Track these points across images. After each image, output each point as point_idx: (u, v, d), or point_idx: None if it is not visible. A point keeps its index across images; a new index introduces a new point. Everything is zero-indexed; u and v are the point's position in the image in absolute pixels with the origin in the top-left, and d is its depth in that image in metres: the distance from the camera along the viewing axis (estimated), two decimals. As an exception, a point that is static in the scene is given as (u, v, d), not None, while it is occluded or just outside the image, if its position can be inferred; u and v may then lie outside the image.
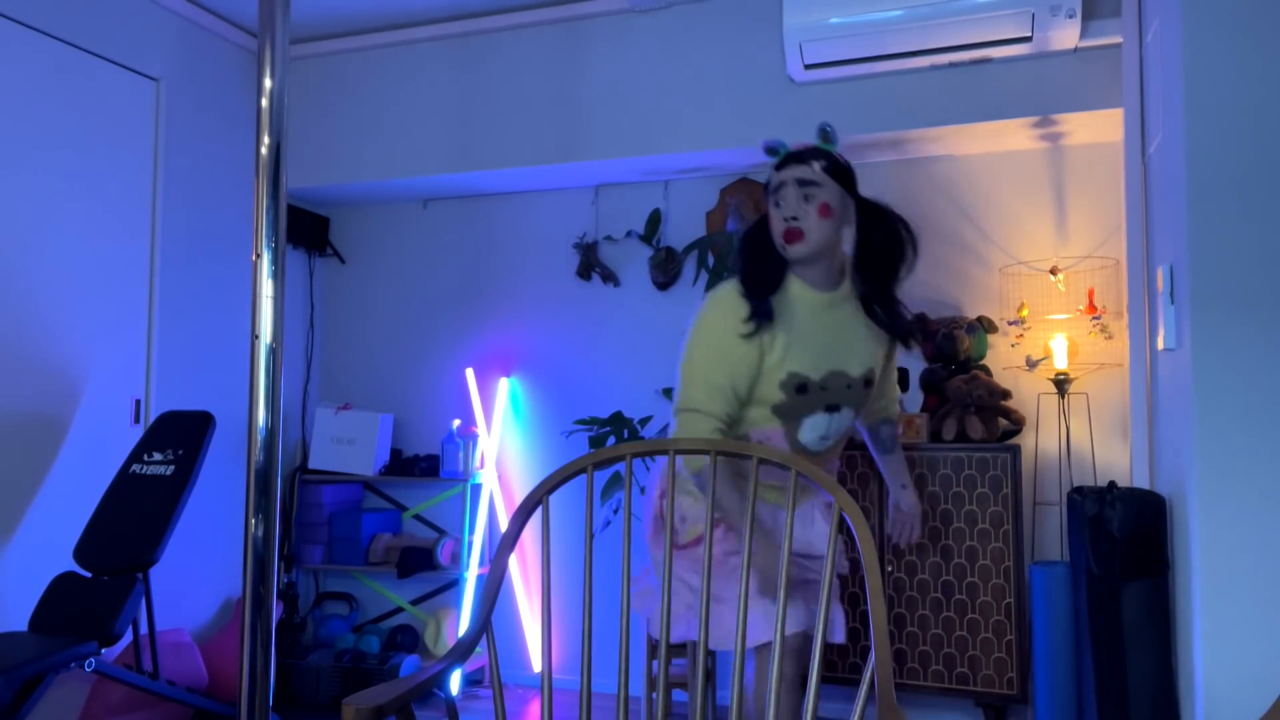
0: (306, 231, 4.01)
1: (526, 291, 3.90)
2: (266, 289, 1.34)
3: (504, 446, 3.89)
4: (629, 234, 3.76)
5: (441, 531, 3.93)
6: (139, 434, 3.28)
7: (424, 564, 3.66)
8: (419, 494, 3.99)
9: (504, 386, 3.84)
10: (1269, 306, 1.95)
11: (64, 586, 2.65)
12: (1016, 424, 3.00)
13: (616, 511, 3.63)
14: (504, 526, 3.74)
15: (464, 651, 1.41)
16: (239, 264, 3.72)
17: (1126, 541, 2.16)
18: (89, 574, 2.71)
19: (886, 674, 1.30)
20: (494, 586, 1.49)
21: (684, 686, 2.96)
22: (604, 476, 3.67)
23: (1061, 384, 3.04)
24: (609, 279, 3.74)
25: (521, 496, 3.88)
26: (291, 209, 3.98)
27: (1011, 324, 3.23)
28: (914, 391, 3.28)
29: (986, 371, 3.12)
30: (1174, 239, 2.16)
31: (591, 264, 3.74)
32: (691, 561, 2.18)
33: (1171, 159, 2.18)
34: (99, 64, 3.15)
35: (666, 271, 3.61)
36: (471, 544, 3.69)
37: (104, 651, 2.57)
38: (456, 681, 3.59)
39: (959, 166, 3.37)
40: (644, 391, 3.70)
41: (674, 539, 2.20)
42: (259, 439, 1.32)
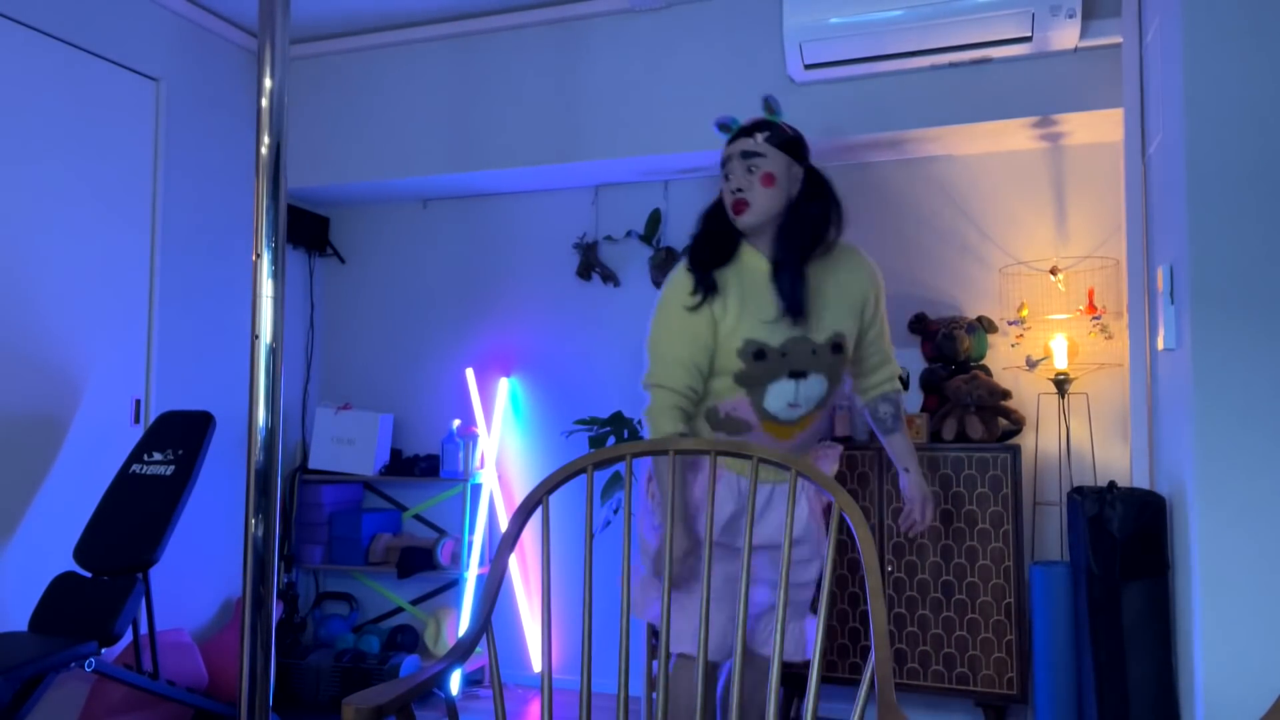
0: (306, 231, 4.01)
1: (526, 291, 3.90)
2: (266, 289, 1.34)
3: (504, 446, 3.89)
4: (629, 234, 3.76)
5: (441, 531, 3.93)
6: (139, 434, 3.28)
7: (424, 564, 3.66)
8: (419, 494, 3.99)
9: (504, 386, 3.84)
10: (1269, 306, 1.95)
11: (64, 586, 2.65)
12: (1016, 424, 3.00)
13: (616, 511, 3.63)
14: (504, 526, 3.74)
15: (464, 651, 1.41)
16: (239, 264, 3.72)
17: (1126, 541, 2.16)
18: (89, 574, 2.71)
19: (886, 674, 1.30)
20: (494, 586, 1.49)
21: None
22: (604, 476, 3.67)
23: (1061, 384, 3.04)
24: (609, 279, 3.74)
25: (521, 496, 3.88)
26: (291, 209, 3.98)
27: (1011, 324, 3.23)
28: (914, 391, 3.27)
29: (986, 371, 3.12)
30: (1174, 239, 2.16)
31: (591, 264, 3.74)
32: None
33: (1171, 159, 2.18)
34: (99, 64, 3.15)
35: (666, 271, 3.61)
36: (471, 544, 3.69)
37: (104, 651, 2.57)
38: (456, 681, 3.59)
39: (959, 166, 3.37)
40: (644, 391, 3.70)
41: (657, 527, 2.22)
42: (259, 439, 1.32)
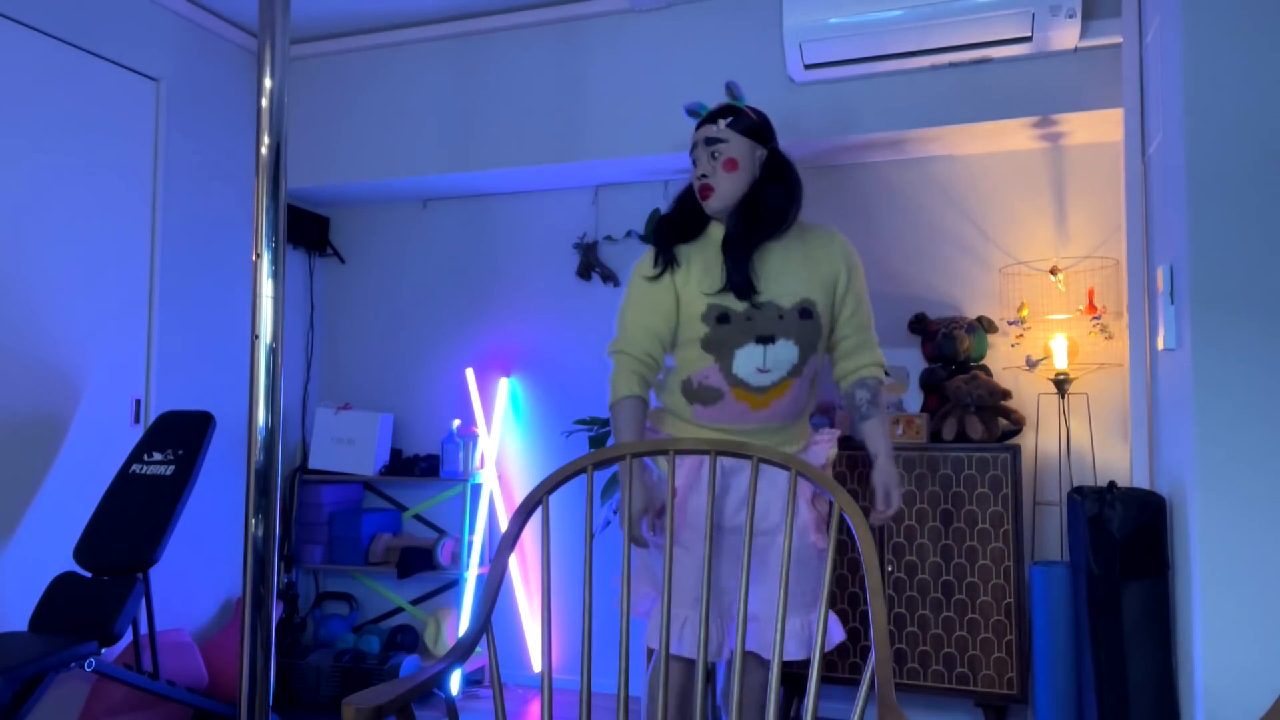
0: (306, 231, 4.01)
1: (526, 291, 3.90)
2: (266, 289, 1.34)
3: (504, 446, 3.89)
4: (629, 234, 3.76)
5: (441, 531, 3.93)
6: (139, 434, 3.28)
7: (424, 564, 3.66)
8: (419, 494, 3.99)
9: (504, 386, 3.84)
10: (1269, 306, 1.95)
11: (64, 586, 2.65)
12: (1016, 424, 3.00)
13: (616, 511, 3.63)
14: (504, 526, 3.74)
15: (464, 651, 1.41)
16: (239, 264, 3.72)
17: (1126, 541, 2.16)
18: (89, 574, 2.71)
19: (886, 674, 1.30)
20: (494, 586, 1.49)
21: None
22: (604, 476, 3.67)
23: (1061, 384, 3.04)
24: (609, 279, 3.74)
25: (521, 496, 3.88)
26: (291, 209, 3.98)
27: (1011, 324, 3.23)
28: (914, 391, 3.28)
29: (986, 371, 3.12)
30: (1174, 239, 2.16)
31: (591, 264, 3.74)
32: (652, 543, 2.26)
33: (1171, 159, 2.18)
34: (99, 64, 3.15)
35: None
36: (471, 544, 3.69)
37: (104, 651, 2.57)
38: (456, 681, 3.59)
39: (959, 166, 3.37)
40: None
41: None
42: (259, 439, 1.32)
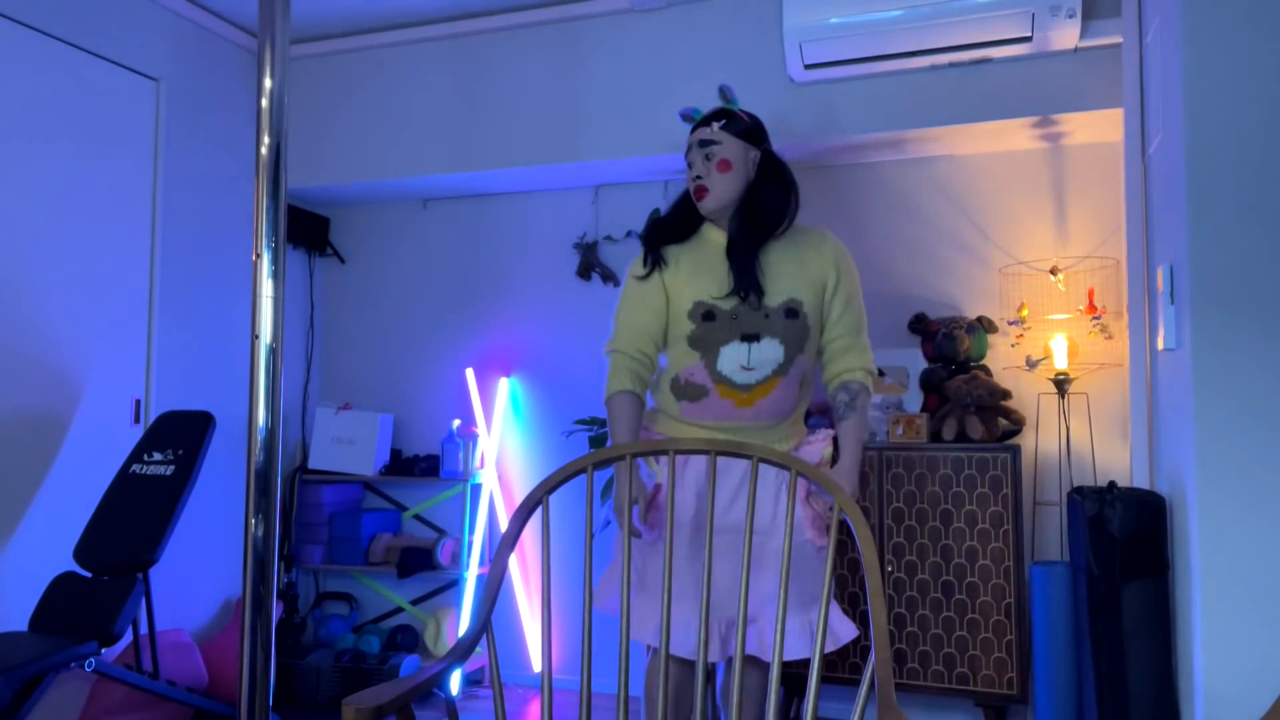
0: (306, 231, 4.01)
1: (526, 291, 3.90)
2: (266, 289, 1.34)
3: (504, 446, 3.89)
4: (629, 234, 3.76)
5: (441, 531, 3.93)
6: (139, 434, 3.28)
7: (424, 564, 3.66)
8: (419, 494, 3.99)
9: (504, 386, 3.84)
10: (1269, 306, 1.95)
11: (64, 586, 2.65)
12: (1016, 424, 3.00)
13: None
14: (504, 526, 3.74)
15: (464, 651, 1.41)
16: (239, 264, 3.72)
17: (1126, 541, 2.16)
18: (89, 574, 2.71)
19: (886, 674, 1.30)
20: (494, 586, 1.49)
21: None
22: (604, 476, 3.67)
23: (1061, 384, 3.04)
24: (609, 279, 3.74)
25: (521, 496, 3.88)
26: (291, 209, 3.98)
27: (1011, 324, 3.23)
28: (914, 391, 3.27)
29: (986, 371, 3.12)
30: (1174, 239, 2.16)
31: (591, 264, 3.74)
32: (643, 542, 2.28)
33: (1171, 159, 2.18)
34: (99, 64, 3.15)
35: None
36: (471, 544, 3.69)
37: (104, 651, 2.57)
38: (456, 681, 3.59)
39: (959, 166, 3.37)
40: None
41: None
42: (259, 439, 1.32)
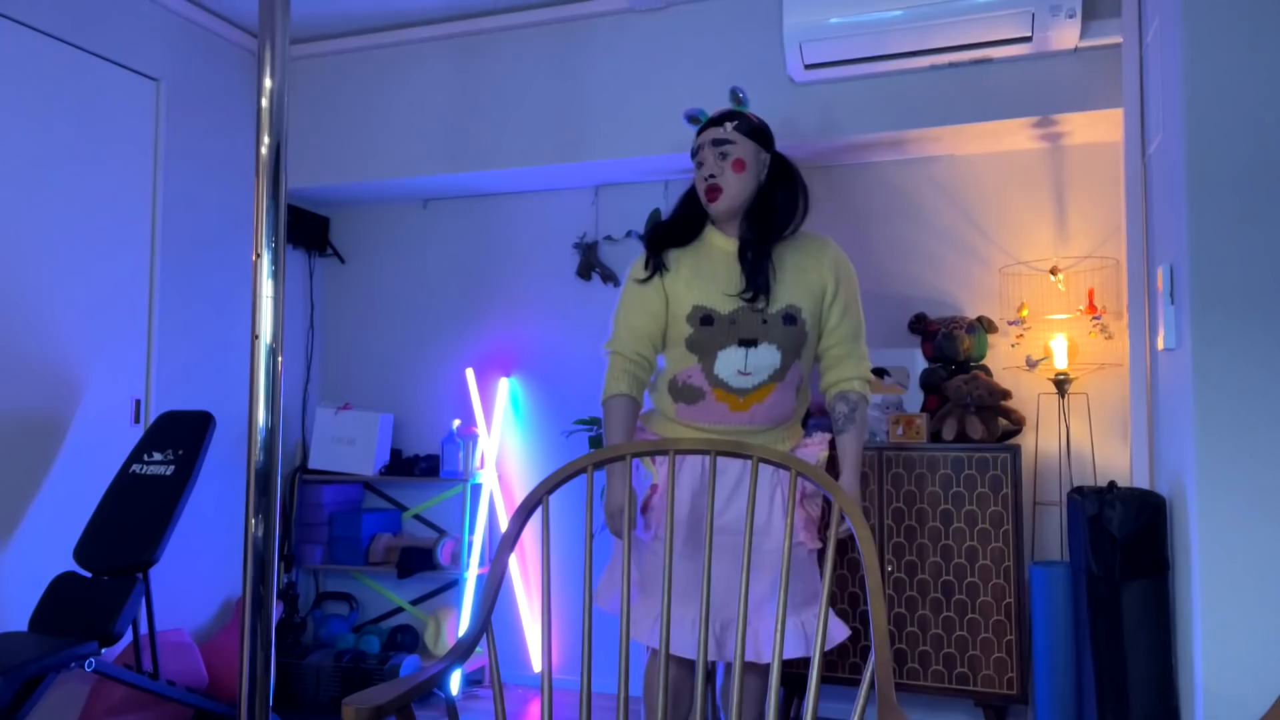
0: (306, 231, 4.01)
1: (526, 291, 3.90)
2: (266, 289, 1.34)
3: (504, 446, 3.89)
4: (629, 234, 3.76)
5: (441, 531, 3.93)
6: (139, 434, 3.28)
7: (424, 564, 3.66)
8: (419, 494, 3.99)
9: (504, 386, 3.84)
10: (1269, 306, 1.95)
11: (64, 586, 2.65)
12: (1016, 424, 3.00)
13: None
14: (504, 526, 3.74)
15: (464, 651, 1.41)
16: (239, 264, 3.72)
17: (1126, 541, 2.16)
18: (89, 574, 2.71)
19: (886, 674, 1.30)
20: (494, 586, 1.49)
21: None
22: (604, 477, 3.67)
23: (1061, 384, 3.04)
24: (609, 279, 3.74)
25: (521, 496, 3.88)
26: (291, 209, 3.98)
27: (1011, 324, 3.23)
28: (914, 391, 3.27)
29: (986, 371, 3.12)
30: (1174, 239, 2.16)
31: (591, 264, 3.74)
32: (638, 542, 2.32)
33: (1171, 159, 2.18)
34: (99, 64, 3.15)
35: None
36: (471, 544, 3.69)
37: (104, 651, 2.57)
38: (456, 681, 3.59)
39: (959, 166, 3.37)
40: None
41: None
42: (259, 439, 1.32)
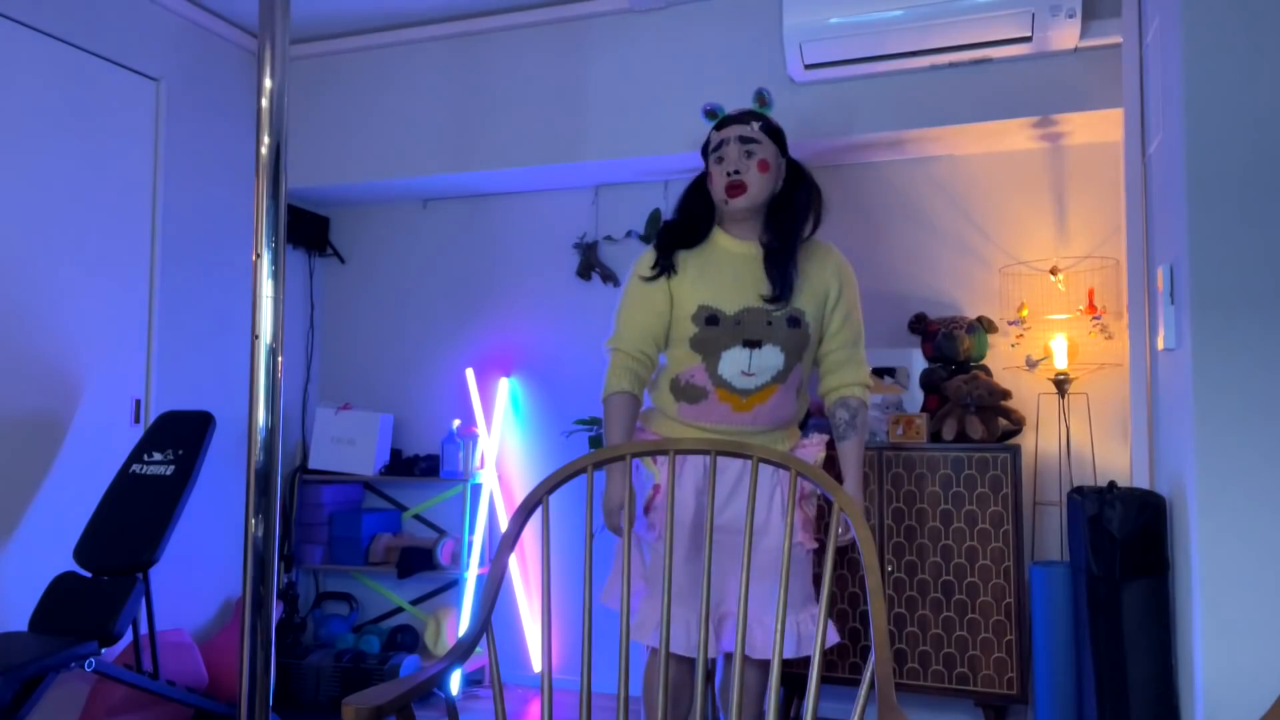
0: (306, 231, 4.01)
1: (526, 291, 3.90)
2: (266, 289, 1.34)
3: (504, 446, 3.89)
4: (629, 234, 3.76)
5: (441, 531, 3.93)
6: (139, 434, 3.28)
7: (424, 564, 3.66)
8: (419, 494, 3.99)
9: (504, 386, 3.84)
10: (1269, 306, 1.95)
11: (64, 586, 2.65)
12: (1016, 424, 3.00)
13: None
14: (504, 526, 3.74)
15: (464, 651, 1.41)
16: (239, 264, 3.72)
17: (1126, 541, 2.16)
18: (89, 574, 2.71)
19: (886, 674, 1.30)
20: (494, 586, 1.49)
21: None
22: (604, 477, 3.67)
23: (1061, 384, 3.04)
24: (609, 279, 3.74)
25: (521, 496, 3.88)
26: (291, 209, 3.98)
27: (1011, 324, 3.23)
28: (914, 391, 3.27)
29: (986, 371, 3.12)
30: (1174, 239, 2.16)
31: (591, 264, 3.74)
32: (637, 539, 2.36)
33: (1171, 159, 2.18)
34: (99, 64, 3.15)
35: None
36: (471, 544, 3.69)
37: (104, 651, 2.57)
38: (456, 681, 3.59)
39: (959, 166, 3.37)
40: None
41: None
42: (259, 439, 1.32)
